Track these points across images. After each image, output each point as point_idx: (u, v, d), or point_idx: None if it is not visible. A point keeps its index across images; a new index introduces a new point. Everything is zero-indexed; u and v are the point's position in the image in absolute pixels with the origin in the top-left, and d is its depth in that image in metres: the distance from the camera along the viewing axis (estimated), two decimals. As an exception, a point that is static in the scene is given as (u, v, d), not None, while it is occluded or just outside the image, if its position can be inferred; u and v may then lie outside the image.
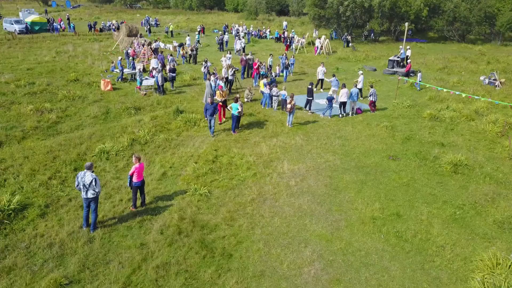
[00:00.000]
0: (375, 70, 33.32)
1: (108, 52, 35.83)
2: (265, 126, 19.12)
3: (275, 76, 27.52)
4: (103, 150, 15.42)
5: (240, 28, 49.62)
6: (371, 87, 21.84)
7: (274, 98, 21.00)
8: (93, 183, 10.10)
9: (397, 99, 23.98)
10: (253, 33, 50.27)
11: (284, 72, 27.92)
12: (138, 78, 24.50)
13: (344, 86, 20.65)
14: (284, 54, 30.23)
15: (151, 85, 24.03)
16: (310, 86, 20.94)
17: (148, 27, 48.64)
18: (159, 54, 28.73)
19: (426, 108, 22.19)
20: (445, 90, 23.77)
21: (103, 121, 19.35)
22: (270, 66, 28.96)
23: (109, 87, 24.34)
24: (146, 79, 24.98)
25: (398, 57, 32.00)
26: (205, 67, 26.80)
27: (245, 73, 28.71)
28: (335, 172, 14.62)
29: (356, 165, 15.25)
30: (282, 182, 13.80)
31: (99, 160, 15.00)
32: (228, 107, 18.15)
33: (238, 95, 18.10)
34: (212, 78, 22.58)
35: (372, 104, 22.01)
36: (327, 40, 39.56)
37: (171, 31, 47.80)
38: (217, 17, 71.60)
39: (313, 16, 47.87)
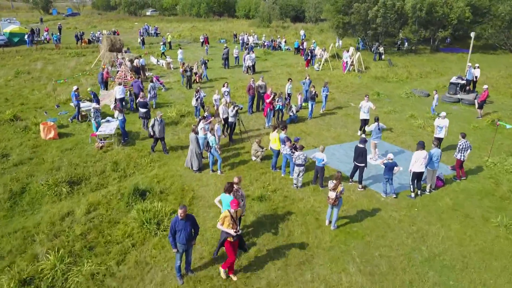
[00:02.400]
0: (427, 95, 24.24)
1: (86, 72, 27.38)
2: (284, 228, 10.29)
3: (297, 110, 18.71)
4: None
5: (251, 38, 40.76)
6: (463, 137, 12.92)
7: (298, 166, 12.02)
8: None
9: (493, 154, 14.92)
10: (265, 43, 41.47)
11: (310, 105, 19.00)
12: (93, 120, 15.94)
13: (422, 146, 11.74)
14: (307, 78, 21.34)
15: (110, 133, 15.39)
16: (361, 145, 12.07)
17: (142, 38, 40.21)
18: (136, 80, 20.22)
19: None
20: None
21: (6, 212, 10.82)
22: (289, 95, 20.17)
23: (52, 134, 15.88)
24: (108, 121, 16.41)
25: (462, 79, 22.85)
26: (197, 99, 18.15)
27: (254, 105, 19.94)
28: None
29: None
30: None
31: None
32: (215, 201, 9.32)
33: (236, 181, 9.24)
34: (201, 125, 13.89)
35: (460, 165, 13.14)
36: (358, 53, 30.55)
37: (169, 43, 39.32)
38: (225, 25, 63.04)
39: (336, 24, 38.88)
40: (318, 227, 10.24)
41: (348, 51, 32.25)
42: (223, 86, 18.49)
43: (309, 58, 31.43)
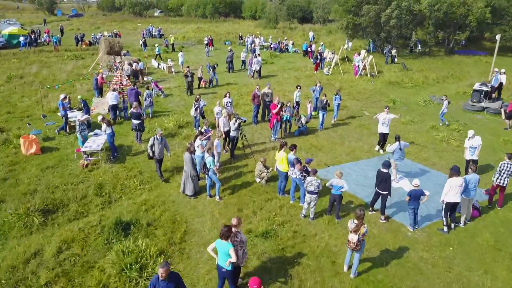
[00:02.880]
0: (448, 103, 22.19)
1: (79, 78, 25.71)
2: (294, 276, 8.41)
3: (306, 121, 16.83)
4: None
5: (257, 40, 38.85)
6: (509, 158, 10.93)
7: (310, 193, 10.11)
8: None
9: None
10: (272, 45, 39.58)
11: (321, 115, 17.07)
12: (78, 134, 14.18)
13: (457, 172, 9.82)
14: (318, 84, 19.43)
15: (97, 150, 13.60)
16: (385, 170, 10.16)
17: (144, 40, 38.47)
18: (132, 87, 18.42)
19: None
20: None
21: (-37, 250, 9.09)
22: (298, 104, 18.30)
23: (33, 149, 14.15)
24: (96, 134, 14.65)
25: (487, 85, 20.79)
26: (196, 109, 16.34)
27: (259, 115, 18.10)
28: None
29: None
30: None
31: None
32: (209, 250, 7.43)
33: (235, 223, 7.35)
34: (197, 142, 12.07)
35: (496, 190, 11.21)
36: (371, 57, 28.53)
37: (172, 44, 37.58)
38: (231, 26, 61.20)
39: (345, 24, 36.85)
40: (335, 274, 8.36)
41: (359, 54, 30.31)
42: (225, 96, 16.59)
43: (318, 61, 29.46)
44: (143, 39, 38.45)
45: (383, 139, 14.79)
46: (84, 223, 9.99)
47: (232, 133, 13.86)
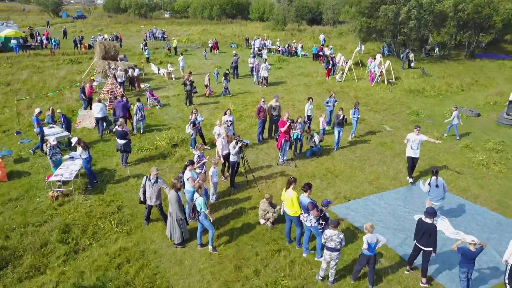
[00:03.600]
0: (478, 115, 19.61)
1: (65, 88, 23.45)
2: None
3: (320, 140, 14.33)
4: None
5: (266, 43, 36.18)
6: None
7: (330, 251, 7.61)
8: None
9: None
10: (280, 48, 37.09)
11: (336, 132, 14.54)
12: (49, 159, 11.83)
13: None
14: (332, 95, 16.90)
15: (70, 179, 11.20)
16: (429, 220, 7.65)
17: (145, 42, 36.19)
18: (119, 99, 16.05)
19: None
20: None
21: None
22: (309, 118, 15.84)
23: (-2, 174, 11.89)
24: (72, 158, 12.30)
25: (525, 96, 18.15)
26: (192, 125, 13.93)
27: (265, 131, 15.66)
28: None
29: None
30: None
31: None
32: None
33: None
34: (187, 174, 9.63)
35: None
36: (388, 62, 25.90)
37: (175, 48, 35.26)
38: (238, 28, 58.82)
39: (359, 27, 34.20)
40: None
41: (374, 58, 27.75)
42: (225, 114, 14.10)
43: (329, 66, 26.93)
44: (144, 42, 36.13)
45: (411, 165, 12.25)
46: (36, 286, 7.64)
47: (232, 158, 11.45)
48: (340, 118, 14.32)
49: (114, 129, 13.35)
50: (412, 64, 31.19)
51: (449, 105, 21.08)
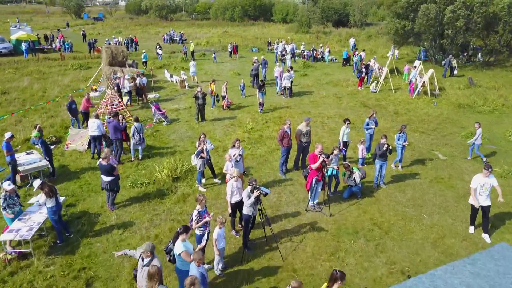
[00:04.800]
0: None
1: (55, 99, 20.79)
2: None
3: (362, 177, 11.02)
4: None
5: (288, 48, 32.90)
6: None
7: None
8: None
9: None
10: (305, 53, 33.75)
11: (378, 166, 11.17)
12: (2, 211, 8.86)
13: None
14: (373, 115, 13.48)
15: (27, 238, 8.27)
16: None
17: (158, 46, 33.47)
18: (109, 119, 13.10)
19: None
20: None
21: None
22: (346, 145, 12.57)
23: None
24: (40, 205, 9.38)
25: None
26: (198, 155, 10.88)
27: (290, 159, 12.48)
28: None
29: None
30: None
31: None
32: None
33: None
34: (179, 246, 6.53)
35: None
36: (431, 70, 22.21)
37: (192, 52, 32.42)
38: (260, 30, 55.82)
39: (393, 30, 30.50)
40: None
41: (414, 66, 24.13)
42: (233, 146, 10.81)
43: (363, 75, 23.48)
44: (158, 45, 33.45)
45: (486, 218, 8.85)
46: None
47: (245, 210, 8.33)
48: (384, 148, 10.99)
49: (97, 163, 10.39)
50: (455, 72, 27.40)
51: (508, 123, 17.44)
